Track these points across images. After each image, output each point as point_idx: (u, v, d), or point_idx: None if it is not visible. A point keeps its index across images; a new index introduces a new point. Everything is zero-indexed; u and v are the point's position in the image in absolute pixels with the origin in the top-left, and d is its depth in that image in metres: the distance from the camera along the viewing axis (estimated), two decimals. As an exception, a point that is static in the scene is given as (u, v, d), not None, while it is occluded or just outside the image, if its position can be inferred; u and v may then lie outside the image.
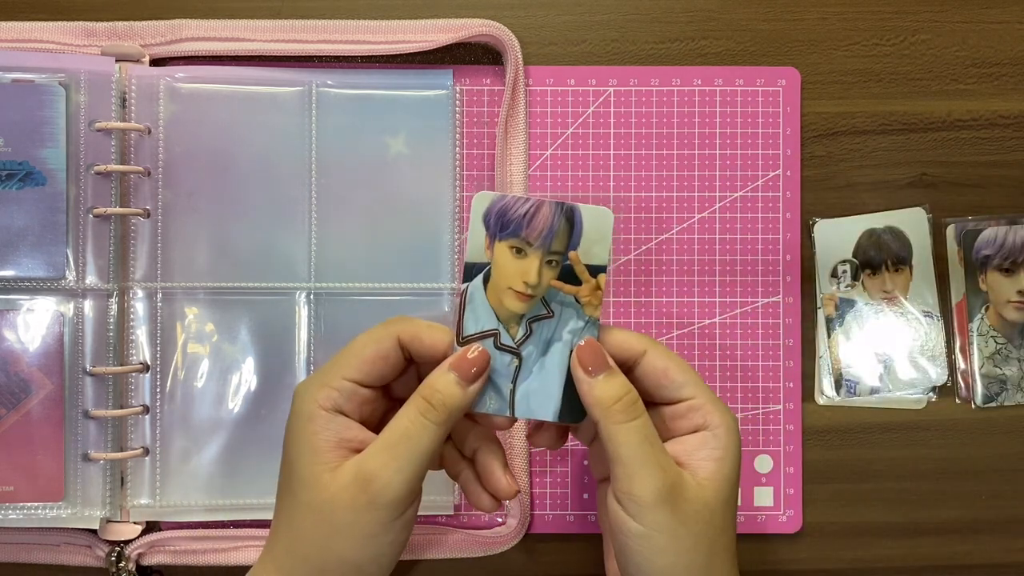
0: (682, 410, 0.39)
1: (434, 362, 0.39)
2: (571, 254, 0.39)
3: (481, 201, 0.39)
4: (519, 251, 0.39)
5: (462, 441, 0.41)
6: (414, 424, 0.37)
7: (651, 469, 0.37)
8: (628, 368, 0.40)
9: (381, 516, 0.37)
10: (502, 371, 0.39)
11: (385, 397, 0.41)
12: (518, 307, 0.39)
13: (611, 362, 0.39)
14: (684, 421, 0.40)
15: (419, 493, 0.38)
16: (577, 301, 0.39)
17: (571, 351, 0.39)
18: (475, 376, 0.38)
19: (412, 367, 0.41)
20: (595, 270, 0.39)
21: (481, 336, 0.39)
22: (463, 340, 0.39)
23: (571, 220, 0.39)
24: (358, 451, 0.38)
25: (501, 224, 0.39)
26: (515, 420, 0.39)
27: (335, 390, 0.38)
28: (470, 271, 0.39)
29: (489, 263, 0.39)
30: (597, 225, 0.39)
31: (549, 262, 0.39)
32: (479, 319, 0.39)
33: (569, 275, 0.39)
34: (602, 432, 0.38)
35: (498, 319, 0.39)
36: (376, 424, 0.39)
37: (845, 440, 0.53)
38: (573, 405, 0.39)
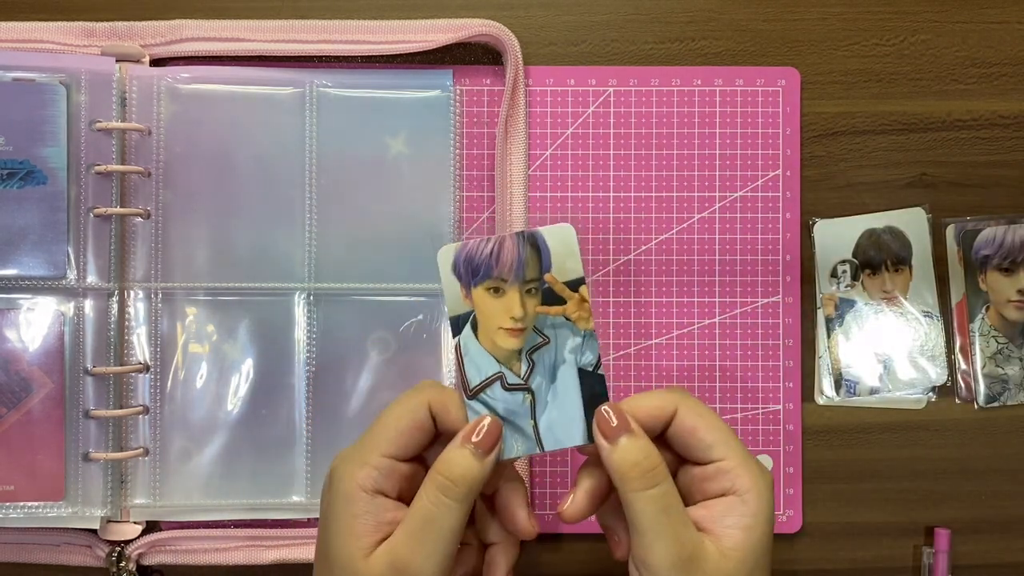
0: (711, 472, 0.38)
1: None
2: (547, 276, 0.39)
3: (446, 255, 0.39)
4: (497, 290, 0.39)
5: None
6: (437, 506, 0.36)
7: (667, 541, 0.36)
8: (663, 428, 0.39)
9: None
10: (519, 411, 0.39)
11: (421, 466, 0.39)
12: (513, 344, 0.39)
13: (632, 424, 0.38)
14: (713, 484, 0.38)
15: (452, 569, 0.37)
16: (568, 319, 0.39)
17: (578, 369, 0.39)
18: (490, 447, 0.37)
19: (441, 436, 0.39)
20: (574, 284, 0.39)
21: (487, 383, 0.39)
22: (471, 393, 0.39)
23: (536, 246, 0.39)
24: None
25: (471, 270, 0.39)
26: (546, 453, 0.39)
27: (375, 469, 0.37)
28: (456, 324, 0.39)
29: (472, 311, 0.39)
30: (562, 242, 0.39)
31: (528, 291, 0.39)
32: (480, 367, 0.39)
33: (552, 297, 0.39)
34: (621, 498, 0.37)
35: (498, 361, 0.39)
36: (412, 496, 0.38)
37: (845, 440, 0.53)
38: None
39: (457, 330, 0.39)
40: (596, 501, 0.39)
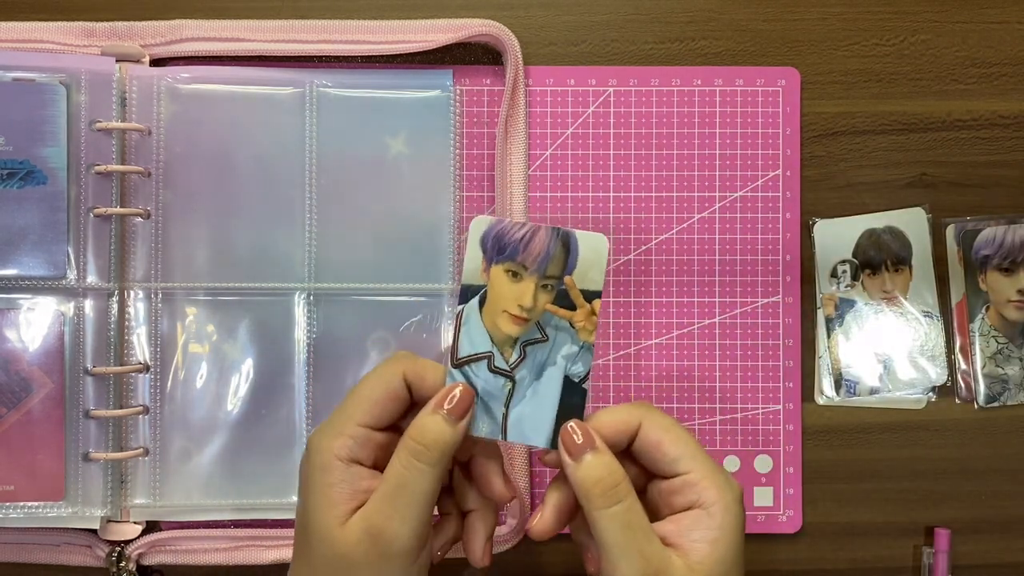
0: (677, 485, 0.38)
1: None
2: (567, 279, 0.39)
3: (479, 225, 0.39)
4: (515, 275, 0.39)
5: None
6: (409, 470, 0.36)
7: (632, 558, 0.36)
8: (628, 443, 0.39)
9: (395, 566, 0.36)
10: (495, 394, 0.39)
11: (396, 435, 0.39)
12: (513, 330, 0.39)
13: (597, 442, 0.38)
14: (679, 497, 0.38)
15: (429, 534, 0.38)
16: (572, 326, 0.39)
17: (564, 376, 0.39)
18: (462, 413, 0.38)
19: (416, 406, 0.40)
20: (590, 295, 0.39)
21: (475, 358, 0.39)
22: (457, 362, 0.39)
23: (567, 246, 0.39)
24: None
25: (498, 248, 0.39)
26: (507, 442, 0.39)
27: (350, 438, 0.37)
28: (466, 293, 0.39)
29: (485, 286, 0.39)
30: (593, 251, 0.39)
31: (544, 286, 0.39)
32: (474, 341, 0.39)
33: (564, 299, 0.39)
34: (586, 515, 0.37)
35: (492, 342, 0.39)
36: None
37: (845, 440, 0.53)
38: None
39: (463, 300, 0.39)
40: (564, 517, 0.39)
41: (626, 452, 0.39)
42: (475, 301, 0.39)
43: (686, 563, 0.37)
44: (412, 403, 0.39)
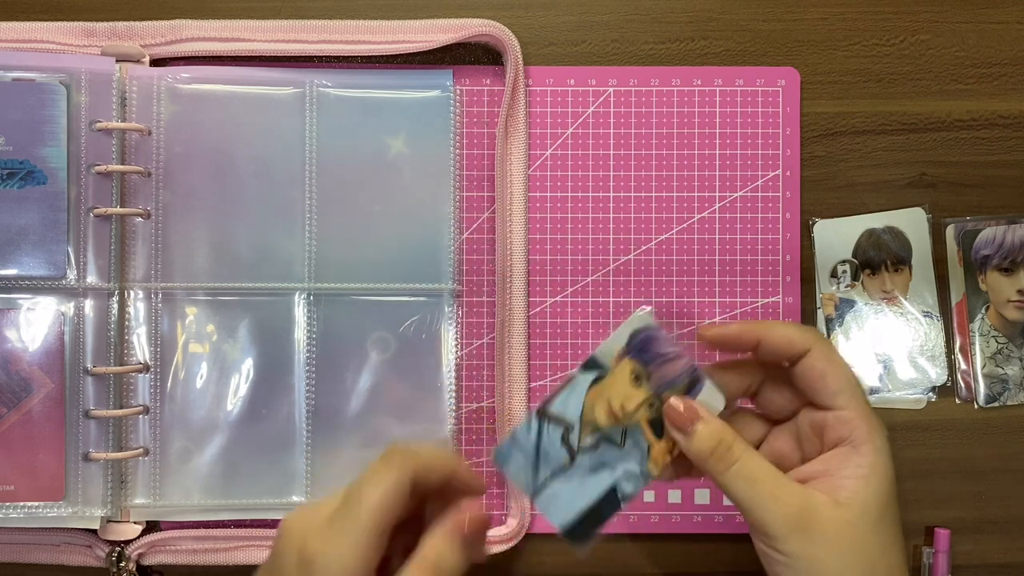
0: (831, 419, 0.38)
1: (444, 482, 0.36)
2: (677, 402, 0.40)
3: (641, 319, 0.40)
4: (637, 379, 0.40)
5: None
6: None
7: (767, 505, 0.37)
8: (790, 364, 0.39)
9: None
10: (553, 459, 0.40)
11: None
12: (603, 421, 0.40)
13: (702, 412, 0.38)
14: (829, 432, 0.38)
15: None
16: (648, 450, 0.40)
17: (613, 485, 0.40)
18: (478, 539, 0.37)
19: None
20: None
21: (558, 420, 0.40)
22: (543, 412, 0.40)
23: (692, 384, 0.40)
24: None
25: (641, 348, 0.40)
26: (531, 501, 0.40)
27: (362, 558, 0.34)
28: (592, 364, 0.40)
29: (608, 371, 0.40)
30: (707, 402, 0.40)
31: (651, 404, 0.40)
32: (567, 406, 0.40)
33: (659, 424, 0.40)
34: (715, 483, 0.38)
35: (580, 418, 0.40)
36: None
37: (845, 440, 0.53)
38: (583, 529, 0.40)
39: (586, 368, 0.40)
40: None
41: (785, 375, 0.40)
42: (592, 376, 0.40)
43: (834, 499, 0.37)
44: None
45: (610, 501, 0.40)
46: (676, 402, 0.39)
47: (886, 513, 0.38)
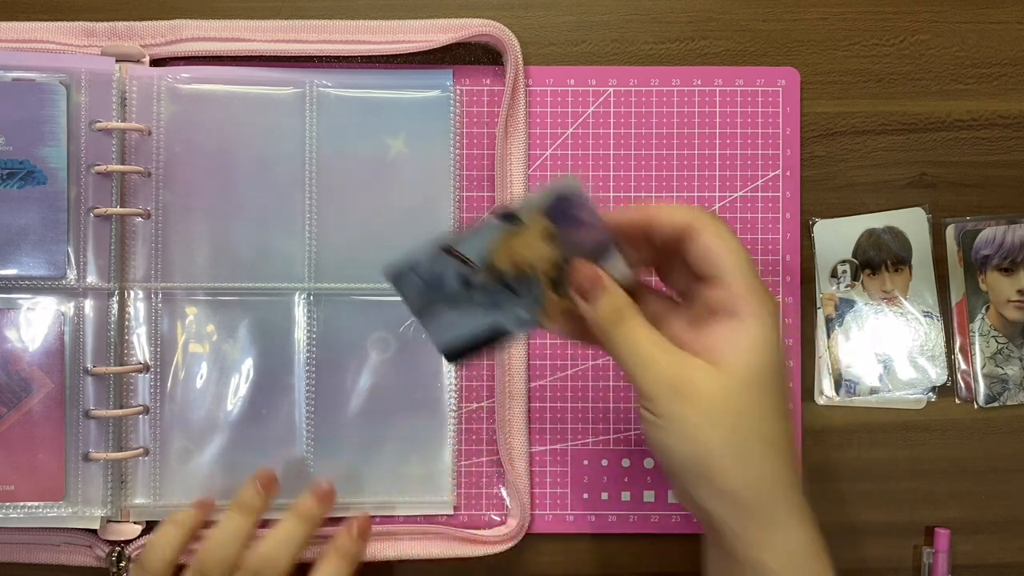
0: (720, 296, 0.39)
1: None
2: (575, 261, 0.40)
3: (569, 184, 0.40)
4: (551, 238, 0.40)
5: None
6: None
7: (647, 366, 0.38)
8: (679, 245, 0.40)
9: None
10: (447, 289, 0.41)
11: None
12: (505, 268, 0.40)
13: (606, 281, 0.39)
14: (720, 307, 0.39)
15: None
16: (543, 303, 0.41)
17: (500, 325, 0.41)
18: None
19: None
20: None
21: (460, 260, 0.41)
22: (447, 248, 0.40)
23: (600, 254, 0.40)
24: None
25: (561, 211, 0.40)
26: (412, 316, 0.41)
27: None
28: (508, 216, 0.40)
29: (524, 224, 0.40)
30: (613, 271, 0.40)
31: (556, 264, 0.40)
32: (474, 248, 0.40)
33: (559, 285, 0.40)
34: (603, 345, 0.39)
35: (484, 261, 0.40)
36: None
37: (845, 440, 0.53)
38: (459, 354, 0.41)
39: (503, 218, 0.40)
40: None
41: (681, 257, 0.40)
42: (508, 227, 0.40)
43: (715, 367, 0.38)
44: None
45: (492, 337, 0.41)
46: (584, 267, 0.40)
47: (768, 383, 0.38)
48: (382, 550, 0.50)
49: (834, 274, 0.53)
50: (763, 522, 0.38)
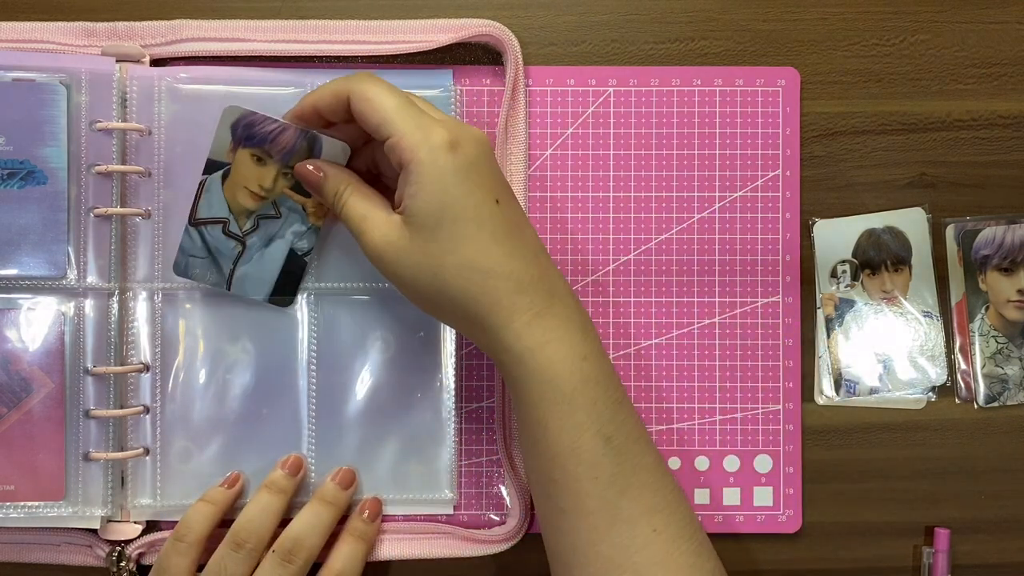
0: (390, 149, 0.41)
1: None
2: (298, 166, 0.46)
3: (231, 113, 0.46)
4: (260, 160, 0.46)
5: None
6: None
7: (363, 231, 0.43)
8: (347, 112, 0.43)
9: None
10: (226, 253, 0.48)
11: None
12: (250, 204, 0.47)
13: (325, 168, 0.45)
14: (393, 159, 0.41)
15: None
16: (304, 210, 0.47)
17: (290, 249, 0.48)
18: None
19: None
20: None
21: (211, 221, 0.46)
22: (195, 221, 0.47)
23: (312, 147, 0.46)
24: None
25: (247, 135, 0.46)
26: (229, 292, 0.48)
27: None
28: (211, 167, 0.47)
29: (229, 164, 0.47)
30: (335, 156, 0.46)
31: (285, 174, 0.47)
32: (212, 207, 0.47)
33: (301, 188, 0.47)
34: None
35: (230, 211, 0.47)
36: None
37: (845, 440, 0.53)
38: (282, 292, 0.49)
39: (207, 172, 0.47)
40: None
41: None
42: (219, 175, 0.47)
43: (388, 217, 0.42)
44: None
45: (295, 261, 0.48)
46: (299, 167, 0.45)
47: (442, 220, 0.40)
48: (382, 550, 0.50)
49: (834, 274, 0.53)
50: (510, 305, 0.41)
